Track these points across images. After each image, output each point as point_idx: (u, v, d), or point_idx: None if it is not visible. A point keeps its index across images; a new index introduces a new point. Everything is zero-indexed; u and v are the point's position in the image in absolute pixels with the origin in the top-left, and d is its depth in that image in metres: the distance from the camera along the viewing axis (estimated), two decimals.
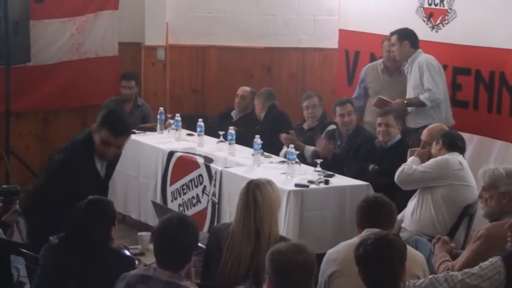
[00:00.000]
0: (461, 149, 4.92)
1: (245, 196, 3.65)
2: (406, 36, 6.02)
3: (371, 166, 5.54)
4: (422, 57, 5.98)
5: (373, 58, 6.97)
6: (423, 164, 4.87)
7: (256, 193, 3.66)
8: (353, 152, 5.82)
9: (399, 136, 5.64)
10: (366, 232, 3.53)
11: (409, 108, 6.01)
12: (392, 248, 2.92)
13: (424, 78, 5.89)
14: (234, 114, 7.01)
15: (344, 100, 6.07)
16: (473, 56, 5.99)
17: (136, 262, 3.41)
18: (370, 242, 2.91)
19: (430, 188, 4.81)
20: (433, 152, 4.97)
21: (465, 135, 5.29)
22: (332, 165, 5.58)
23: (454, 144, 4.89)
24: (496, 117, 5.85)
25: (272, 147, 5.96)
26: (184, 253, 3.06)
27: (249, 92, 6.95)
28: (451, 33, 6.14)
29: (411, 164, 4.93)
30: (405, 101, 5.99)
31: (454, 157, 4.83)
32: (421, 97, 5.89)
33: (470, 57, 6.00)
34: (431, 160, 4.88)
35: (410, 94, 6.03)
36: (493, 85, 5.88)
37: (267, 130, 6.22)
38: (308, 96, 6.51)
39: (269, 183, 3.73)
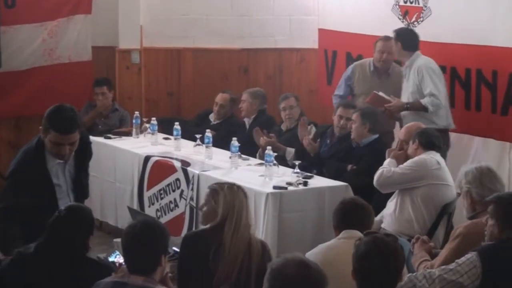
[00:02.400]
0: (438, 148, 4.95)
1: (234, 197, 3.64)
2: (399, 37, 5.89)
3: (349, 166, 5.57)
4: (421, 60, 5.81)
5: (349, 57, 7.00)
6: (401, 166, 4.90)
7: (242, 195, 3.69)
8: (333, 153, 5.85)
9: (375, 135, 5.67)
10: (344, 234, 3.55)
11: (404, 113, 5.85)
12: (397, 249, 2.91)
13: (424, 83, 5.73)
14: (212, 117, 7.01)
15: (349, 105, 6.00)
16: (448, 53, 6.03)
17: (123, 265, 3.39)
18: (375, 240, 2.87)
19: (409, 189, 4.84)
20: (409, 152, 5.00)
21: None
22: (313, 162, 5.57)
23: (431, 143, 4.93)
24: (474, 114, 5.89)
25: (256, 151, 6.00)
26: (153, 256, 3.06)
27: (229, 100, 6.94)
28: (427, 31, 6.17)
29: (389, 166, 4.95)
30: (406, 105, 5.79)
31: (431, 157, 4.86)
32: (423, 101, 5.71)
33: (445, 54, 6.04)
34: (409, 161, 4.90)
35: (408, 99, 5.82)
36: (469, 82, 5.93)
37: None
38: (285, 97, 6.52)
39: (230, 185, 3.74)
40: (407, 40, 5.89)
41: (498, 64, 5.71)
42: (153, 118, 6.46)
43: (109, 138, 6.54)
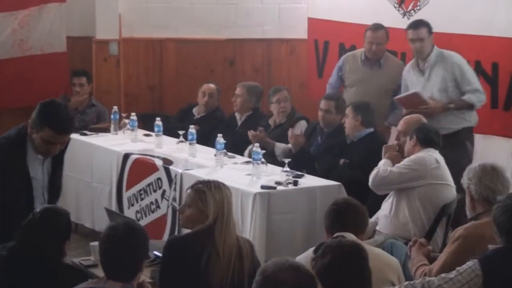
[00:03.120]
0: (437, 145, 4.96)
1: (223, 197, 3.63)
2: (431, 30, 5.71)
3: (342, 161, 5.59)
4: (451, 54, 5.68)
5: (342, 48, 7.00)
6: (398, 165, 4.90)
7: (229, 193, 3.68)
8: (325, 149, 5.87)
9: (370, 129, 5.68)
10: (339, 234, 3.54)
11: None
12: (359, 258, 2.88)
13: (466, 78, 5.60)
14: (196, 111, 6.99)
15: (331, 96, 6.04)
16: (446, 44, 6.04)
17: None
18: (333, 255, 2.83)
19: (406, 189, 4.84)
20: (406, 149, 5.01)
21: None
22: (296, 159, 5.62)
23: (429, 139, 4.93)
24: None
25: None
26: (133, 262, 3.05)
27: (216, 90, 6.95)
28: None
29: (384, 166, 4.95)
30: (451, 105, 5.62)
31: (429, 155, 4.86)
32: (467, 98, 5.58)
33: (443, 45, 6.05)
34: (406, 160, 4.91)
35: (432, 95, 5.63)
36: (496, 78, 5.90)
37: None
38: (277, 89, 6.53)
39: (215, 183, 3.74)
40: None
41: (499, 56, 5.72)
42: (133, 114, 6.44)
43: (86, 134, 6.51)
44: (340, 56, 6.84)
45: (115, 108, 6.60)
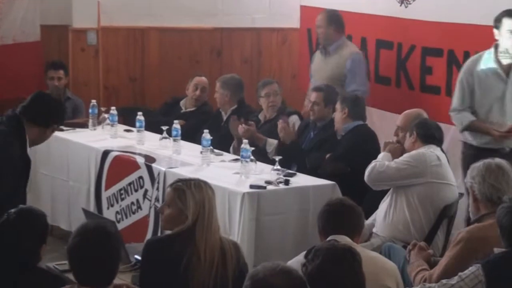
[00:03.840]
0: (438, 141, 4.98)
1: (204, 196, 3.63)
2: None
3: (328, 155, 5.64)
4: None
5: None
6: (397, 160, 4.92)
7: (211, 192, 3.68)
8: (315, 144, 5.89)
9: (358, 122, 5.71)
10: (331, 240, 3.54)
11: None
12: (351, 262, 2.89)
13: None
14: (184, 105, 6.99)
15: (317, 87, 6.06)
16: (446, 34, 6.05)
17: None
18: (324, 258, 2.85)
19: (404, 188, 4.86)
20: (406, 145, 5.02)
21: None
22: (288, 152, 5.63)
23: (430, 135, 4.95)
24: None
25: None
26: (107, 267, 3.05)
27: (207, 83, 6.95)
28: (422, 9, 6.21)
29: (383, 160, 4.97)
30: None
31: (430, 151, 4.88)
32: None
33: (442, 35, 6.07)
34: (406, 155, 4.92)
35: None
36: None
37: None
38: (267, 82, 6.53)
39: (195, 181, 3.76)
40: None
41: None
42: (113, 108, 6.43)
43: (61, 130, 6.45)
44: None
45: (94, 101, 6.58)
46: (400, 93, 6.50)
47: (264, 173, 5.23)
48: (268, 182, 5.02)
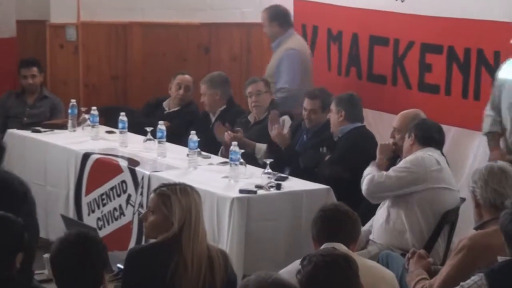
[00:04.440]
0: (438, 143, 4.98)
1: (190, 201, 3.62)
2: None
3: (327, 157, 5.66)
4: None
5: (330, 34, 7.02)
6: (394, 168, 4.91)
7: (197, 197, 3.67)
8: (311, 147, 5.91)
9: (356, 124, 5.73)
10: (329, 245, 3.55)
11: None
12: (345, 270, 2.90)
13: None
14: (167, 105, 6.99)
15: (314, 95, 6.04)
16: (445, 30, 6.07)
17: None
18: (316, 264, 2.86)
19: (403, 194, 4.86)
20: (404, 148, 5.03)
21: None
22: (283, 157, 5.64)
23: (429, 137, 4.95)
24: (472, 103, 5.93)
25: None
26: (90, 277, 3.04)
27: (192, 82, 6.96)
28: (419, 3, 6.21)
29: (371, 173, 4.95)
30: None
31: (429, 155, 4.88)
32: None
33: (442, 31, 6.08)
34: (403, 162, 4.92)
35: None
36: (468, 65, 5.95)
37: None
38: (252, 81, 6.53)
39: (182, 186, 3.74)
40: None
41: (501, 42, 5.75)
42: (94, 108, 6.42)
43: (38, 131, 6.48)
44: (328, 44, 6.87)
45: (73, 101, 6.57)
46: (396, 92, 6.51)
47: (255, 177, 5.24)
48: (259, 187, 5.03)
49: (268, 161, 5.22)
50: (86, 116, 6.46)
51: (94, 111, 6.37)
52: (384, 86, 6.61)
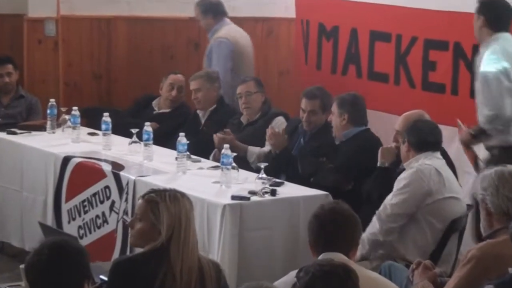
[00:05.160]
0: (434, 145, 4.94)
1: (180, 209, 3.62)
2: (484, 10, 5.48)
3: (329, 166, 5.65)
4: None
5: (322, 30, 7.01)
6: (393, 193, 4.84)
7: (188, 205, 3.66)
8: (310, 152, 5.91)
9: (361, 127, 5.74)
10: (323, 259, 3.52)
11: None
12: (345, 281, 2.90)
13: None
14: (157, 105, 7.00)
15: (314, 94, 6.03)
16: (451, 24, 6.07)
17: None
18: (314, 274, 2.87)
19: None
20: (401, 154, 5.01)
21: (446, 129, 5.35)
22: (278, 161, 5.63)
23: (423, 142, 4.91)
24: None
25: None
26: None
27: (184, 81, 6.98)
28: None
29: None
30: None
31: (426, 164, 4.84)
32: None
33: (447, 26, 6.08)
34: (397, 182, 4.84)
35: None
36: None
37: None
38: (242, 81, 6.54)
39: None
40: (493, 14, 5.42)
41: None
42: (75, 108, 6.43)
43: (14, 133, 6.48)
44: (319, 40, 6.86)
45: (52, 101, 6.58)
46: (399, 91, 6.51)
47: (248, 182, 5.25)
48: (252, 193, 5.03)
49: (263, 165, 5.20)
50: (67, 116, 6.47)
51: (75, 111, 6.38)
52: (386, 85, 6.61)
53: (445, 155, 5.12)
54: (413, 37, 6.34)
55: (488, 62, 5.30)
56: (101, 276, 4.09)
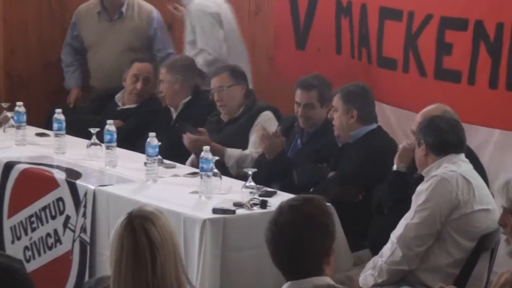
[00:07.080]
0: (457, 146, 4.93)
1: (130, 238, 3.61)
2: None
3: (331, 173, 5.68)
4: None
5: (339, 5, 7.00)
6: (414, 209, 4.80)
7: (148, 229, 3.65)
8: (306, 155, 5.94)
9: (372, 126, 5.75)
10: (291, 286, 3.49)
11: None
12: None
13: None
14: (120, 100, 7.03)
15: (310, 84, 6.05)
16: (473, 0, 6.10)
17: None
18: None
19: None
20: (417, 160, 4.98)
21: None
22: (272, 167, 5.68)
23: (443, 142, 4.87)
24: (504, 94, 5.91)
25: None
26: None
27: (153, 71, 6.99)
28: None
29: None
30: None
31: (450, 171, 4.81)
32: None
33: (468, 1, 6.10)
34: (418, 196, 4.81)
35: None
36: (500, 44, 5.92)
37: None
38: (214, 73, 6.51)
39: (157, 211, 3.70)
40: None
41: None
42: (19, 103, 6.45)
43: None
44: (338, 19, 6.85)
45: None
46: (407, 80, 6.50)
47: (233, 191, 5.28)
48: (238, 205, 5.05)
49: (250, 171, 5.22)
50: (9, 114, 6.49)
51: (20, 107, 6.39)
52: (393, 72, 6.60)
53: (472, 157, 5.12)
54: (427, 15, 6.34)
55: None
56: None
